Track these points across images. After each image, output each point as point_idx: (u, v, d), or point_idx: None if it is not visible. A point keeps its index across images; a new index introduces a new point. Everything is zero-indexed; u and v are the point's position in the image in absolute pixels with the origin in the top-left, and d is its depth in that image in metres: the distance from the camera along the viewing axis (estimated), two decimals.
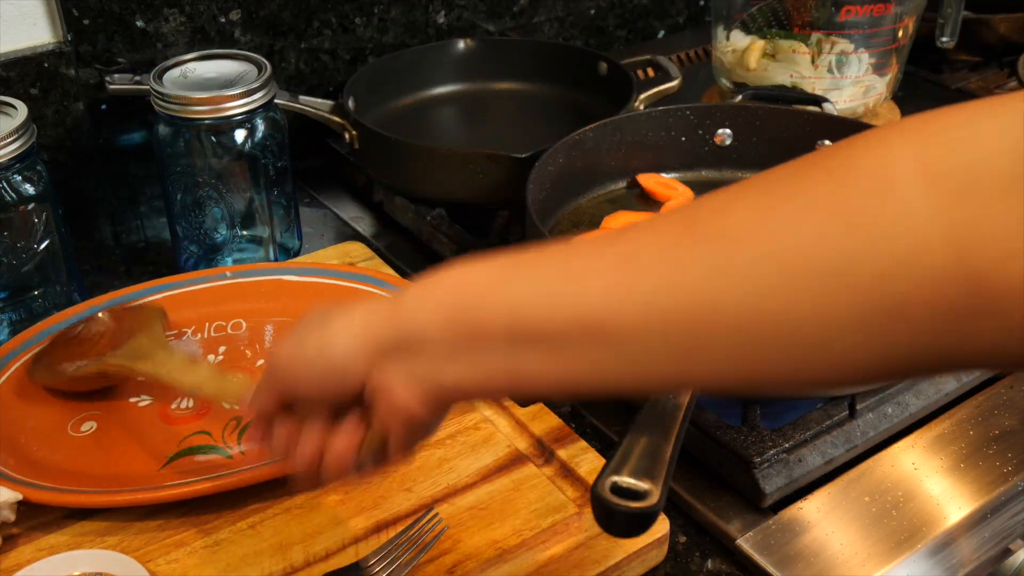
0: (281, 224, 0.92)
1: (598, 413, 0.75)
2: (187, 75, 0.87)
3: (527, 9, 1.24)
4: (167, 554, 0.61)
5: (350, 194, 1.08)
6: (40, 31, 0.94)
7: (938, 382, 0.74)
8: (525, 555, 0.60)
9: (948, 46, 1.13)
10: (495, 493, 0.65)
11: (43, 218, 0.80)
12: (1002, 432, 0.72)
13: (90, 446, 0.68)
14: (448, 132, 1.12)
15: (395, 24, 1.14)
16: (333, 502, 0.64)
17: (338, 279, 0.82)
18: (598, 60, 1.10)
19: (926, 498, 0.67)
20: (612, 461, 0.53)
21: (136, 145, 1.02)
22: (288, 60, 1.08)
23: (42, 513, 0.63)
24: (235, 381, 0.66)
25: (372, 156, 0.97)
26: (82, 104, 0.96)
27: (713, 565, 0.64)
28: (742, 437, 0.67)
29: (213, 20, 1.02)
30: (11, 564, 0.60)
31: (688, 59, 1.33)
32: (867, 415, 0.70)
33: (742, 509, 0.66)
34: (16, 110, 0.79)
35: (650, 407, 0.57)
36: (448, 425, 0.71)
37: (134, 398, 0.72)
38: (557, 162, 0.86)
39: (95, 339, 0.72)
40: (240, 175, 0.87)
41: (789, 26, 1.08)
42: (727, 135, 0.93)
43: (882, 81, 1.09)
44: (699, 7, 1.42)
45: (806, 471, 0.67)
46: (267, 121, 0.87)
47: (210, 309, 0.81)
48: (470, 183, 0.91)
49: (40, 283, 0.82)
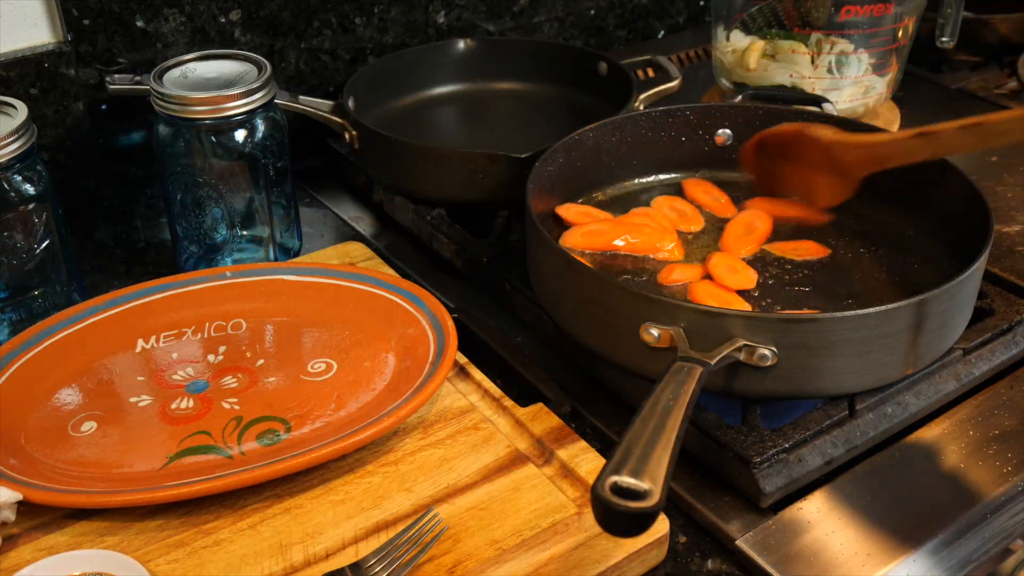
0: (281, 224, 0.92)
1: (598, 413, 0.75)
2: (187, 75, 0.87)
3: (527, 9, 1.24)
4: (167, 554, 0.61)
5: (350, 194, 1.08)
6: (40, 31, 0.94)
7: (938, 382, 0.74)
8: (525, 555, 0.60)
9: (948, 46, 1.13)
10: (495, 493, 0.65)
11: (43, 218, 0.80)
12: (1002, 432, 0.72)
13: (90, 446, 0.68)
14: (448, 132, 1.12)
15: (395, 24, 1.14)
16: (333, 502, 0.64)
17: (338, 279, 0.83)
18: (598, 60, 1.10)
19: (926, 498, 0.67)
20: (612, 461, 0.53)
21: (136, 145, 1.02)
22: (288, 60, 1.08)
23: (42, 513, 0.63)
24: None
25: (372, 156, 0.97)
26: (82, 104, 0.97)
27: (713, 565, 0.64)
28: (742, 437, 0.67)
29: (213, 20, 1.02)
30: (11, 564, 0.60)
31: (688, 59, 1.33)
32: (867, 415, 0.70)
33: (742, 509, 0.66)
34: (16, 110, 0.79)
35: (650, 407, 0.58)
36: (448, 425, 0.71)
37: (134, 398, 0.72)
38: (557, 162, 0.86)
39: None
40: (240, 175, 0.87)
41: (789, 26, 1.08)
42: (727, 135, 0.93)
43: (882, 81, 1.09)
44: (699, 7, 1.42)
45: (806, 471, 0.67)
46: (267, 121, 0.87)
47: (210, 309, 0.81)
48: (470, 183, 0.91)
49: (40, 283, 0.82)
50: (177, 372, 0.75)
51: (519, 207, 0.80)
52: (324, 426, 0.70)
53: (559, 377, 0.78)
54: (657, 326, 0.67)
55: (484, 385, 0.74)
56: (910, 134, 0.79)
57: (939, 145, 0.78)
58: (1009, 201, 0.97)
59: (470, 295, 0.90)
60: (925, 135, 0.78)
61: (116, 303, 0.80)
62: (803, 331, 0.65)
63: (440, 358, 0.73)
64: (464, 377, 0.75)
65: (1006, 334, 0.79)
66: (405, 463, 0.68)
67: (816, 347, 0.65)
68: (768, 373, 0.66)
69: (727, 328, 0.65)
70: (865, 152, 0.82)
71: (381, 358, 0.76)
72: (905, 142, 0.79)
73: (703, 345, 0.65)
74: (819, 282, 0.80)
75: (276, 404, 0.72)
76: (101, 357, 0.76)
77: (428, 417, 0.71)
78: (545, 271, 0.77)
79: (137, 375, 0.75)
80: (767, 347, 0.65)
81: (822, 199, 0.87)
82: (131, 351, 0.77)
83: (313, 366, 0.75)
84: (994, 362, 0.77)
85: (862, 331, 0.65)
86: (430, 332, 0.76)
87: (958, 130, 0.76)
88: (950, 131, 0.76)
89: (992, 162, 1.04)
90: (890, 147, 0.81)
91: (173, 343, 0.78)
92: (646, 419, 0.56)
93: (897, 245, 0.84)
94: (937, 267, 0.81)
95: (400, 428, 0.70)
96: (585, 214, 0.87)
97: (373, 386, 0.73)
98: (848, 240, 0.85)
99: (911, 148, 0.79)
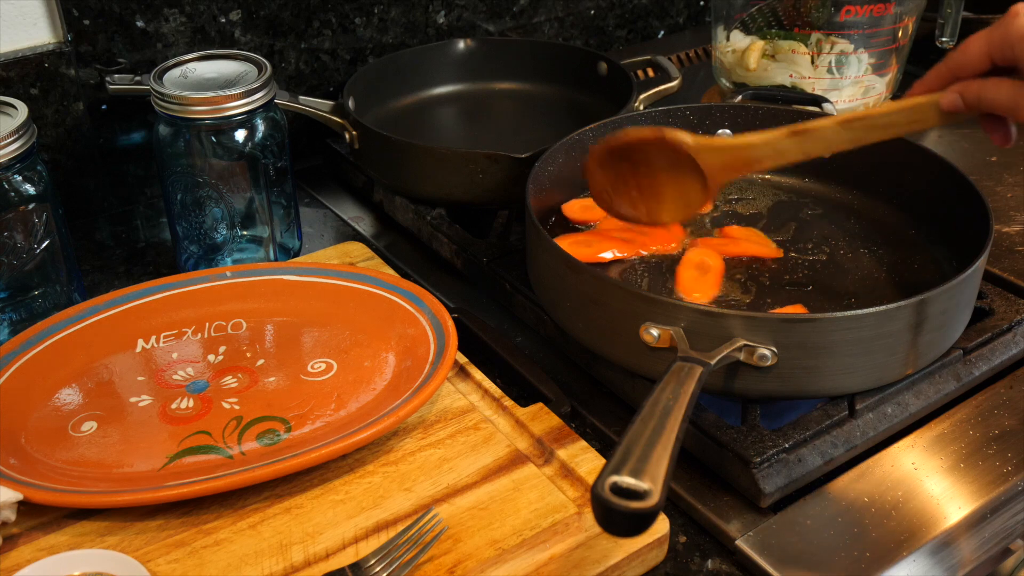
0: (281, 224, 0.92)
1: (598, 413, 0.75)
2: (187, 75, 0.87)
3: (527, 9, 1.24)
4: (167, 554, 0.61)
5: (350, 194, 1.08)
6: (40, 31, 0.94)
7: (938, 382, 0.74)
8: (525, 555, 0.60)
9: (948, 46, 1.14)
10: (495, 493, 0.65)
11: (43, 218, 0.80)
12: (1002, 432, 0.72)
13: (90, 446, 0.68)
14: (448, 132, 1.12)
15: (395, 24, 1.14)
16: (333, 502, 0.64)
17: (338, 279, 0.83)
18: (598, 60, 1.10)
19: (926, 498, 0.67)
20: (612, 461, 0.53)
21: (136, 145, 1.02)
22: (288, 60, 1.09)
23: (42, 513, 0.63)
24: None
25: (372, 156, 0.97)
26: (82, 104, 0.97)
27: (713, 565, 0.64)
28: (742, 437, 0.67)
29: (213, 20, 1.02)
30: (11, 564, 0.60)
31: (688, 59, 1.33)
32: (867, 415, 0.70)
33: (742, 509, 0.66)
34: (16, 110, 0.79)
35: (650, 407, 0.58)
36: (448, 425, 0.71)
37: (134, 398, 0.73)
38: (557, 162, 0.86)
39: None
40: (240, 175, 0.87)
41: (789, 26, 1.08)
42: (727, 135, 0.93)
43: (882, 81, 1.09)
44: (699, 7, 1.43)
45: (806, 471, 0.67)
46: (267, 121, 0.87)
47: (210, 309, 0.81)
48: (470, 183, 0.91)
49: (40, 283, 0.82)
50: (177, 372, 0.75)
51: (519, 207, 0.80)
52: (324, 426, 0.70)
53: (559, 377, 0.78)
54: (657, 326, 0.67)
55: (484, 385, 0.74)
56: (782, 133, 0.73)
57: (815, 143, 0.72)
58: (1009, 201, 0.97)
59: (470, 295, 0.90)
60: (799, 133, 0.72)
61: (116, 303, 0.80)
62: (803, 331, 0.65)
63: (440, 358, 0.73)
64: (464, 377, 0.75)
65: (1006, 334, 0.79)
66: (405, 463, 0.68)
67: (816, 347, 0.65)
68: (768, 373, 0.66)
69: (727, 328, 0.65)
70: (732, 155, 0.74)
71: (381, 358, 0.76)
72: (776, 142, 0.73)
73: (703, 345, 0.65)
74: (819, 282, 0.80)
75: (276, 404, 0.72)
76: (101, 357, 0.76)
77: (428, 417, 0.71)
78: (545, 271, 0.77)
79: (137, 375, 0.75)
80: (767, 347, 0.65)
81: (671, 212, 0.79)
82: (131, 351, 0.77)
83: (313, 366, 0.75)
84: (994, 362, 0.77)
85: (862, 331, 0.65)
86: (430, 332, 0.76)
87: (837, 126, 0.71)
88: (827, 127, 0.71)
89: (992, 162, 1.04)
90: (760, 148, 0.73)
91: (173, 343, 0.78)
92: (646, 419, 0.56)
93: (897, 245, 0.84)
94: (937, 267, 0.81)
95: (400, 428, 0.70)
96: (589, 208, 0.87)
97: (373, 386, 0.73)
98: (848, 240, 0.85)
99: (784, 148, 0.73)
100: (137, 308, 0.80)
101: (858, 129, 0.71)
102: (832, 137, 0.71)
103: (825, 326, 0.65)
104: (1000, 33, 0.65)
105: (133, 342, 0.78)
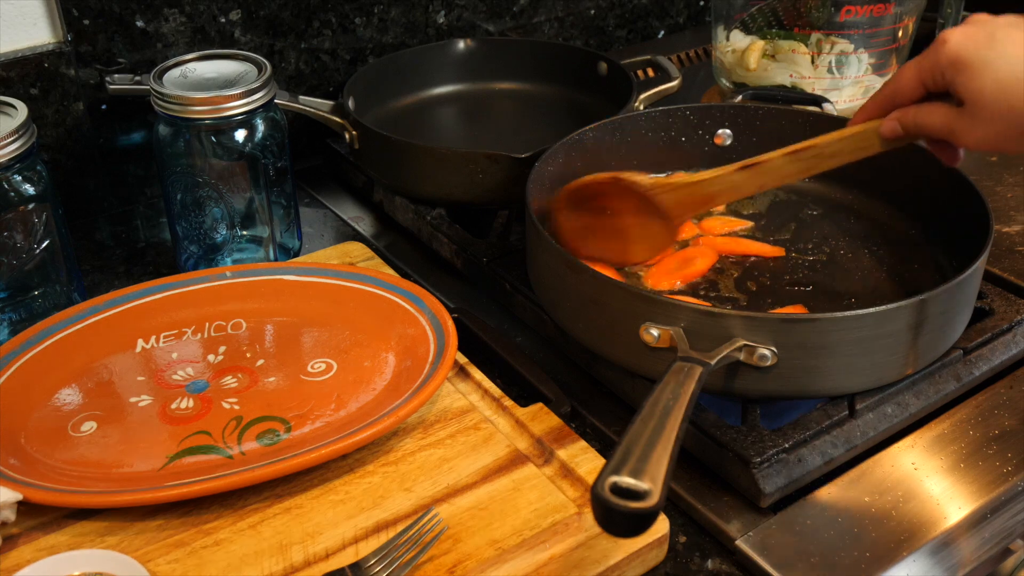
0: (281, 224, 0.92)
1: (598, 413, 0.75)
2: (187, 75, 0.87)
3: (527, 9, 1.24)
4: (167, 554, 0.61)
5: (350, 194, 1.08)
6: (40, 31, 0.94)
7: (938, 382, 0.74)
8: (525, 555, 0.60)
9: None
10: (495, 493, 0.65)
11: (43, 218, 0.80)
12: (1002, 432, 0.72)
13: (90, 446, 0.68)
14: (448, 132, 1.12)
15: (395, 24, 1.14)
16: (333, 502, 0.64)
17: (338, 279, 0.83)
18: (598, 60, 1.10)
19: (926, 498, 0.67)
20: (612, 461, 0.53)
21: (136, 145, 1.02)
22: (288, 60, 1.09)
23: (42, 513, 0.63)
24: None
25: (372, 156, 0.97)
26: (82, 104, 0.97)
27: (713, 565, 0.64)
28: (742, 437, 0.67)
29: (213, 20, 1.02)
30: (11, 564, 0.60)
31: (688, 59, 1.33)
32: (867, 415, 0.70)
33: (742, 509, 0.66)
34: (16, 110, 0.79)
35: (650, 407, 0.58)
36: (448, 425, 0.71)
37: (134, 398, 0.72)
38: (557, 162, 0.86)
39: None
40: (240, 175, 0.87)
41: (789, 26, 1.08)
42: (727, 135, 0.94)
43: (882, 81, 1.09)
44: (699, 7, 1.43)
45: (806, 471, 0.67)
46: (267, 121, 0.87)
47: (210, 309, 0.81)
48: (470, 183, 0.91)
49: (40, 283, 0.82)
50: (177, 372, 0.75)
51: (519, 207, 0.80)
52: (324, 426, 0.70)
53: (559, 377, 0.78)
54: (657, 326, 0.67)
55: (484, 385, 0.74)
56: (734, 168, 0.75)
57: (766, 175, 0.74)
58: (1009, 201, 0.97)
59: (470, 295, 0.90)
60: (750, 167, 0.74)
61: (116, 303, 0.80)
62: (803, 331, 0.65)
63: (440, 358, 0.73)
64: (464, 377, 0.75)
65: (1006, 334, 0.79)
66: (405, 463, 0.68)
67: (816, 347, 0.65)
68: (768, 373, 0.66)
69: (727, 328, 0.65)
70: (687, 193, 0.77)
71: (381, 358, 0.76)
72: (729, 177, 0.75)
73: (703, 345, 0.65)
74: (819, 282, 0.80)
75: (276, 404, 0.72)
76: (101, 357, 0.76)
77: (428, 417, 0.71)
78: (545, 271, 0.77)
79: (137, 375, 0.75)
80: (767, 347, 0.65)
81: (640, 252, 0.82)
82: (131, 351, 0.77)
83: (313, 366, 0.75)
84: (994, 362, 0.77)
85: (862, 331, 0.65)
86: (430, 332, 0.76)
87: (784, 158, 0.73)
88: (776, 159, 0.73)
89: (992, 162, 1.04)
90: (714, 184, 0.76)
91: (173, 343, 0.78)
92: (646, 419, 0.56)
93: (897, 245, 0.84)
94: (937, 267, 0.81)
95: (400, 428, 0.70)
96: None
97: (373, 386, 0.73)
98: (848, 240, 0.85)
99: (737, 182, 0.75)
100: (137, 308, 0.80)
101: (805, 159, 0.73)
102: (781, 169, 0.74)
103: (825, 326, 0.65)
104: (930, 60, 0.66)
105: (133, 342, 0.78)
